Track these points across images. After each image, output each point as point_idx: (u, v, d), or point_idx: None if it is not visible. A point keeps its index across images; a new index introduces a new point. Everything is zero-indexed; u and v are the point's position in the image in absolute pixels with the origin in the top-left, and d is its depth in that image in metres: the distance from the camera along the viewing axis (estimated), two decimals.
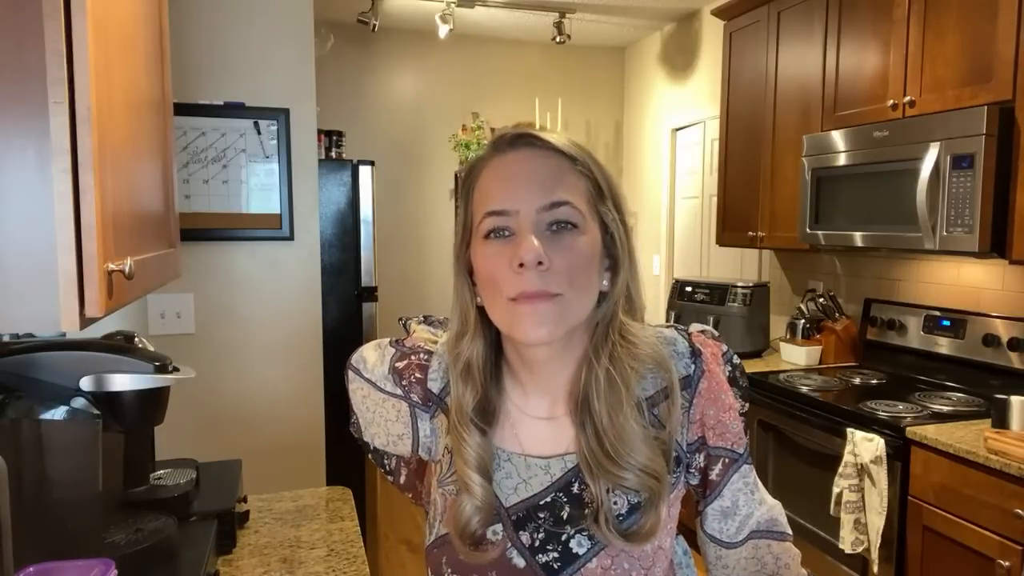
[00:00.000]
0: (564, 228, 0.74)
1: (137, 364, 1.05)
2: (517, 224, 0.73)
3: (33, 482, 0.96)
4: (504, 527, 0.79)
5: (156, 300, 2.30)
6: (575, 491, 0.79)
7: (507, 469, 0.81)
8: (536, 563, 0.77)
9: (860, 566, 2.24)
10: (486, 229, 0.75)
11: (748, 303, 3.17)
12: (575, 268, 0.73)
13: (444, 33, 4.23)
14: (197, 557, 1.10)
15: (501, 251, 0.73)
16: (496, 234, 0.74)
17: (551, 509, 0.79)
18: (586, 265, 0.74)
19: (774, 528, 0.88)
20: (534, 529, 0.79)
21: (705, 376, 0.83)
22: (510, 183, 0.75)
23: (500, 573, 0.78)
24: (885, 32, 2.52)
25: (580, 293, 0.74)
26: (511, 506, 0.80)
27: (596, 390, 0.77)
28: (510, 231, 0.74)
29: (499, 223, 0.74)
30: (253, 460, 1.78)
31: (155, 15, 1.21)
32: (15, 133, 0.75)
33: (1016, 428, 1.95)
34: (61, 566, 0.84)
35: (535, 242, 0.71)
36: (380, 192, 3.60)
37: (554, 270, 0.72)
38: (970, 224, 2.13)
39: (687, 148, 4.54)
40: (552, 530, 0.78)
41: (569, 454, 0.80)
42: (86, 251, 0.78)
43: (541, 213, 0.73)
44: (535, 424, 0.82)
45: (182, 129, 2.29)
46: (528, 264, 0.71)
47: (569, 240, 0.74)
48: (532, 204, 0.73)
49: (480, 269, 0.76)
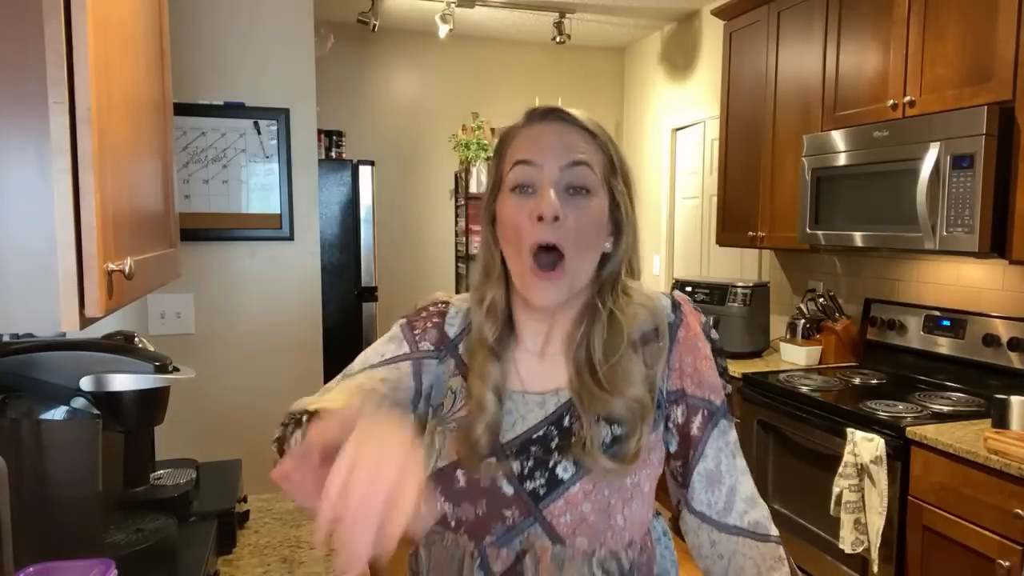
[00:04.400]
0: (579, 192, 0.85)
1: (137, 364, 1.05)
2: (540, 179, 0.85)
3: (33, 482, 0.95)
4: (498, 458, 0.87)
5: (156, 300, 2.30)
6: (565, 424, 0.88)
7: (507, 406, 0.89)
8: (523, 490, 0.85)
9: (860, 566, 2.24)
10: (513, 180, 0.86)
11: (748, 303, 3.17)
12: (583, 227, 0.85)
13: (444, 33, 4.23)
14: (197, 557, 1.10)
15: (523, 204, 0.85)
16: (521, 190, 0.85)
17: (542, 442, 0.87)
18: (593, 226, 0.86)
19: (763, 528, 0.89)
20: (524, 458, 0.87)
21: (683, 325, 0.93)
22: (539, 143, 0.87)
23: (489, 500, 0.86)
24: (885, 32, 2.52)
25: (584, 251, 0.86)
26: (507, 441, 0.88)
27: (599, 332, 0.88)
28: (533, 188, 0.85)
29: (525, 174, 0.85)
30: (253, 460, 1.77)
31: (155, 15, 1.21)
32: (15, 133, 0.75)
33: (1016, 428, 1.95)
34: (61, 566, 0.84)
35: (554, 197, 0.83)
36: (380, 192, 3.60)
37: (566, 226, 0.83)
38: (970, 224, 2.13)
39: (687, 148, 4.54)
40: (541, 458, 0.86)
41: (562, 390, 0.90)
42: (86, 251, 0.78)
43: (563, 171, 0.85)
44: (531, 358, 0.92)
45: (182, 129, 2.29)
46: (546, 217, 0.82)
47: (582, 202, 0.85)
48: (556, 161, 0.85)
49: (504, 219, 0.87)
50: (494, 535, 0.85)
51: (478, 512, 0.86)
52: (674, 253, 4.71)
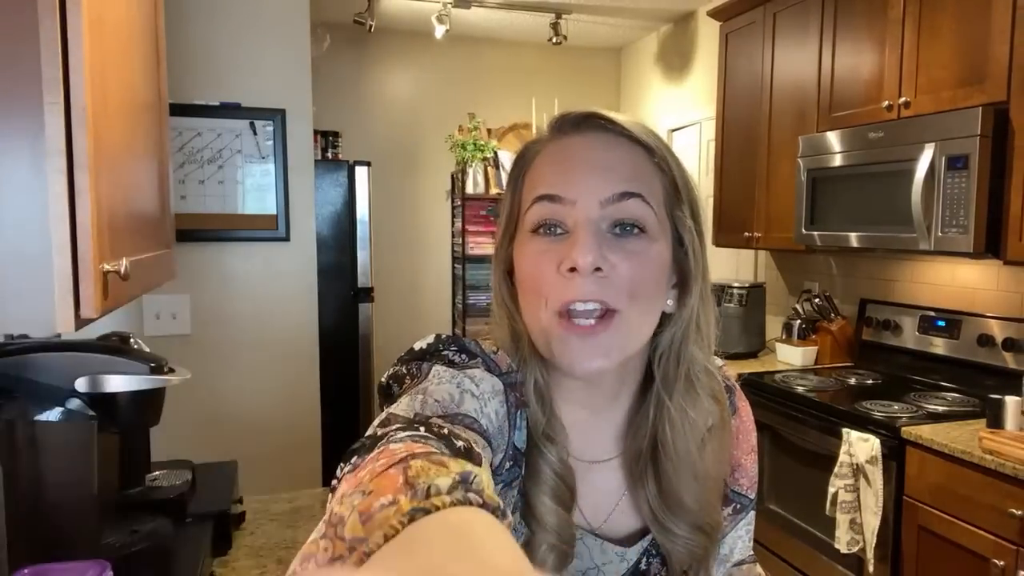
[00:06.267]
0: (630, 232, 0.61)
1: (132, 365, 1.05)
2: (573, 219, 0.60)
3: (28, 484, 0.95)
4: None
5: (151, 301, 2.29)
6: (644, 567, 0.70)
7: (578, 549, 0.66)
8: None
9: (856, 566, 2.24)
10: (534, 220, 0.62)
11: (744, 304, 3.18)
12: (640, 279, 0.60)
13: (440, 34, 4.23)
14: (193, 559, 1.10)
15: (549, 249, 0.61)
16: (546, 229, 0.61)
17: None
18: (654, 277, 0.62)
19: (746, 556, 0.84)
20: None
21: (738, 415, 0.77)
22: (570, 167, 0.62)
23: None
24: (880, 33, 2.53)
25: (642, 312, 0.61)
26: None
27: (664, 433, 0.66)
28: (563, 228, 0.61)
29: (551, 213, 0.61)
30: (249, 461, 1.77)
31: (151, 15, 1.21)
32: (10, 133, 0.75)
33: (1011, 428, 1.96)
34: (56, 568, 0.84)
35: (593, 241, 0.59)
36: (376, 193, 3.60)
37: (614, 278, 0.59)
38: (965, 225, 2.14)
39: (683, 149, 4.54)
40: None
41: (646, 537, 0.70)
42: (81, 252, 0.78)
43: (605, 207, 0.60)
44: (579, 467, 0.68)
45: (178, 130, 2.28)
46: (582, 269, 0.58)
47: (636, 245, 0.61)
48: (595, 194, 0.60)
49: (522, 269, 0.63)
50: None
51: None
52: None
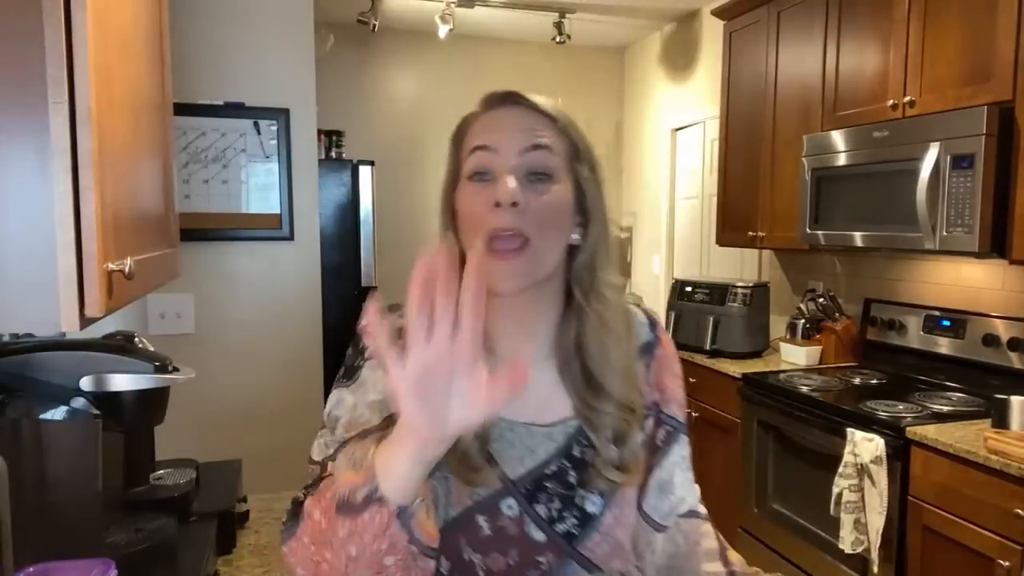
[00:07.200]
0: (539, 178, 0.80)
1: (137, 364, 1.05)
2: (499, 165, 0.79)
3: (33, 482, 0.96)
4: (518, 501, 0.79)
5: (156, 300, 2.30)
6: (576, 454, 0.82)
7: (507, 437, 0.81)
8: (556, 534, 0.80)
9: (860, 566, 2.24)
10: (471, 167, 0.81)
11: (748, 303, 3.17)
12: (546, 213, 0.79)
13: (444, 33, 4.23)
14: (197, 557, 1.10)
15: (482, 191, 0.79)
16: (479, 177, 0.80)
17: (558, 477, 0.81)
18: (557, 212, 0.80)
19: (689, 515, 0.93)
20: (547, 499, 0.80)
21: (660, 343, 0.92)
22: (498, 127, 0.82)
23: (521, 549, 0.79)
24: (885, 32, 2.52)
25: (549, 239, 0.80)
26: (518, 478, 0.80)
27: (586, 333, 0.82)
28: (491, 175, 0.80)
29: (483, 160, 0.80)
30: (253, 460, 1.78)
31: (155, 15, 1.21)
32: (15, 132, 0.75)
33: (1016, 428, 1.95)
34: (61, 566, 0.84)
35: (512, 183, 0.78)
36: (380, 192, 3.60)
37: (527, 212, 0.78)
38: (970, 224, 2.13)
39: (687, 148, 4.53)
40: (565, 494, 0.81)
41: (569, 419, 0.83)
42: (86, 251, 0.78)
43: (522, 155, 0.80)
44: None
45: (182, 129, 2.29)
46: (504, 203, 0.77)
47: (543, 187, 0.80)
48: (514, 146, 0.80)
49: (462, 208, 0.82)
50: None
51: (509, 562, 0.79)
52: (674, 253, 4.71)
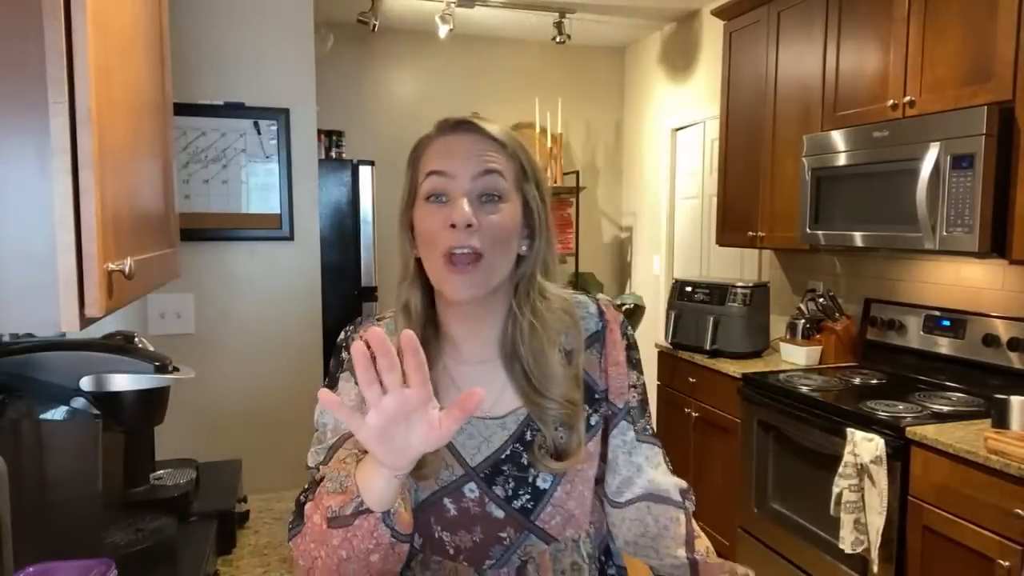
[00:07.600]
0: (491, 199, 0.88)
1: (137, 364, 1.05)
2: (454, 189, 0.87)
3: (33, 482, 0.96)
4: (478, 485, 0.91)
5: (156, 300, 2.30)
6: (528, 438, 0.92)
7: (467, 430, 0.91)
8: (513, 510, 0.91)
9: (860, 566, 2.24)
10: (427, 190, 0.88)
11: (748, 303, 3.17)
12: (496, 230, 0.87)
13: (444, 33, 4.23)
14: (197, 557, 1.10)
15: (437, 212, 0.87)
16: (435, 198, 0.88)
17: (513, 460, 0.91)
18: (507, 229, 0.88)
19: (657, 492, 0.99)
20: (504, 481, 0.91)
21: (608, 331, 1.00)
22: (451, 154, 0.89)
23: (484, 526, 0.91)
24: (885, 32, 2.52)
25: (500, 254, 0.88)
26: (477, 465, 0.91)
27: (521, 338, 0.91)
28: (447, 197, 0.87)
29: (438, 184, 0.88)
30: (253, 460, 1.78)
31: (155, 15, 1.21)
32: (15, 133, 0.75)
33: (1016, 428, 1.95)
34: (61, 566, 0.84)
35: (467, 206, 0.86)
36: (380, 192, 3.59)
37: (480, 231, 0.86)
38: (970, 224, 2.13)
39: (687, 148, 4.53)
40: (519, 475, 0.91)
41: (519, 410, 0.93)
42: (86, 251, 0.78)
43: (475, 180, 0.87)
44: (468, 369, 0.94)
45: (182, 129, 2.29)
46: (459, 224, 0.84)
47: (494, 207, 0.88)
48: (468, 171, 0.87)
49: (419, 226, 0.89)
50: (493, 557, 0.91)
51: (475, 539, 0.91)
52: (674, 253, 4.70)
